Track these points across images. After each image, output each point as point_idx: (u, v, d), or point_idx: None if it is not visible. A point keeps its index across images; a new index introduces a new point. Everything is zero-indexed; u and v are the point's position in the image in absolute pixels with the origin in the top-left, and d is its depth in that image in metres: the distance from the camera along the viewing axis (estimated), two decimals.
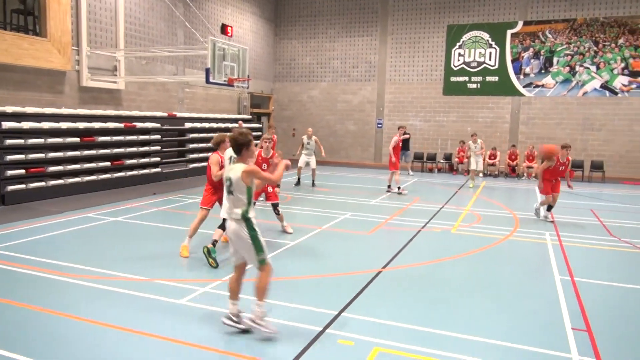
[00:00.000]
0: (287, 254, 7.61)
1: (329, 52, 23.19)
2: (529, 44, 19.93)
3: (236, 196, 4.64)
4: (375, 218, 10.49)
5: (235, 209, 4.64)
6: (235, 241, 4.73)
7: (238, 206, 4.64)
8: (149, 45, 16.06)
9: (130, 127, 14.03)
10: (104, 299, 5.56)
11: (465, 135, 20.77)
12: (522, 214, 11.30)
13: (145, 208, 10.89)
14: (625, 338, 4.94)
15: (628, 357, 4.52)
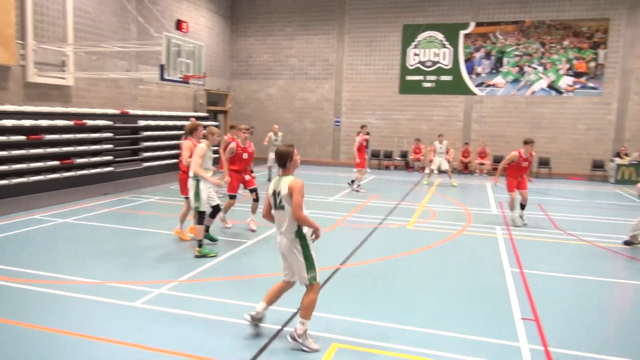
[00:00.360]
0: (246, 253, 7.56)
1: (286, 50, 23.12)
2: (481, 44, 20.55)
3: (287, 211, 4.51)
4: (334, 215, 10.56)
5: (288, 226, 4.52)
6: (288, 257, 4.64)
7: (292, 223, 4.51)
8: (100, 40, 15.52)
9: (81, 124, 13.54)
10: (54, 304, 5.35)
11: (420, 133, 21.21)
12: (475, 210, 11.65)
13: (96, 209, 10.54)
14: (571, 326, 5.20)
15: (573, 343, 4.76)
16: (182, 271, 6.54)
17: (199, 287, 6.05)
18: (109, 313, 5.14)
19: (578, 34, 19.54)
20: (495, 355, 4.47)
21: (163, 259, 7.16)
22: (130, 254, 7.38)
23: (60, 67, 13.96)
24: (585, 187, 16.64)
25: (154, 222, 9.53)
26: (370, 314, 5.33)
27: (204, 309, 5.29)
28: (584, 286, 6.51)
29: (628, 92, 19.34)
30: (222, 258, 7.21)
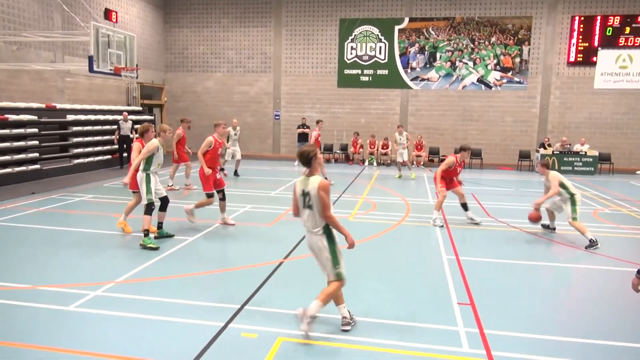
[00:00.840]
0: (187, 250, 7.39)
1: (223, 42, 22.69)
2: (415, 39, 21.14)
3: (315, 210, 4.63)
4: (276, 210, 10.54)
5: (315, 223, 4.67)
6: (317, 254, 4.79)
7: (318, 220, 4.65)
8: (20, 29, 14.52)
9: (2, 119, 12.63)
10: None
11: (359, 126, 21.54)
12: (413, 200, 12.01)
13: (23, 209, 9.90)
14: (503, 309, 5.50)
15: (506, 324, 5.05)
16: (119, 272, 6.29)
17: (137, 287, 5.85)
18: (40, 318, 4.86)
19: (504, 31, 20.55)
20: (435, 340, 4.66)
21: (99, 260, 6.85)
22: (63, 255, 7.00)
23: None
24: (513, 177, 17.60)
25: (88, 221, 9.09)
26: None
27: (143, 310, 5.13)
28: (515, 270, 6.91)
29: (549, 86, 20.63)
30: (161, 256, 7.01)
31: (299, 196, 4.74)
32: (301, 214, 4.77)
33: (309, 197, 4.65)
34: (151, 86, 22.21)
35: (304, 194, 4.68)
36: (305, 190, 4.67)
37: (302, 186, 4.70)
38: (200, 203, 8.81)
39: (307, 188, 4.65)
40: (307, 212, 4.70)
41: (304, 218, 4.75)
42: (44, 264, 6.61)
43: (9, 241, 7.68)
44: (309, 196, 4.65)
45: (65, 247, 7.46)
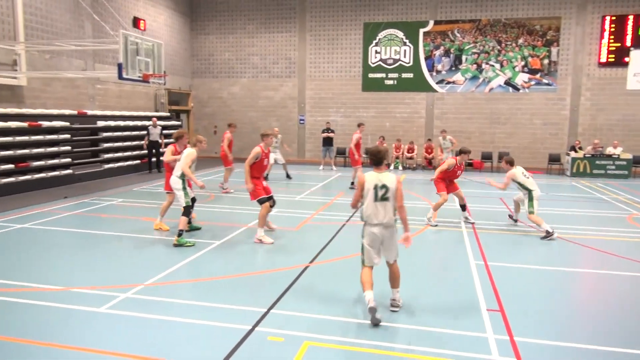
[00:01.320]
0: (213, 254, 7.47)
1: (248, 48, 22.93)
2: (440, 42, 20.96)
3: (391, 203, 5.10)
4: (301, 214, 10.56)
5: (390, 215, 5.11)
6: (387, 242, 5.19)
7: (392, 212, 5.13)
8: (53, 38, 14.98)
9: (36, 126, 13.02)
10: (15, 313, 5.14)
11: (384, 130, 21.45)
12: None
13: (56, 213, 10.18)
14: (534, 315, 5.38)
15: (537, 331, 4.93)
16: (148, 274, 6.40)
17: (165, 290, 5.94)
18: (73, 320, 4.98)
19: (532, 32, 20.20)
20: (464, 347, 4.58)
21: (128, 263, 6.99)
22: (94, 258, 7.17)
23: (12, 67, 13.40)
24: (543, 181, 17.23)
25: (117, 225, 9.28)
26: (341, 310, 5.37)
27: (171, 312, 5.20)
28: (545, 276, 6.75)
29: (580, 88, 20.16)
30: (189, 259, 7.11)
31: (370, 190, 5.10)
32: (371, 206, 5.10)
33: (385, 190, 5.08)
34: (178, 92, 22.60)
35: (377, 187, 5.09)
36: (378, 184, 5.09)
37: (376, 181, 5.10)
38: (261, 215, 8.23)
39: (384, 182, 5.10)
40: (381, 204, 5.10)
41: (373, 210, 5.10)
42: (75, 266, 6.77)
43: (42, 244, 7.90)
44: (386, 189, 5.08)
45: (95, 250, 7.64)
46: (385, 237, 5.17)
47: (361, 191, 5.16)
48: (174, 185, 8.19)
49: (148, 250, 7.66)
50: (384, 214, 5.10)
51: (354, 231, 9.23)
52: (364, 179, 5.18)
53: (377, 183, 5.10)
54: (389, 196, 5.09)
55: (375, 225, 5.14)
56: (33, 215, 9.91)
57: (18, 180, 12.33)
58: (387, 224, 5.12)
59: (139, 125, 17.47)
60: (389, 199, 5.09)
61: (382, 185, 5.10)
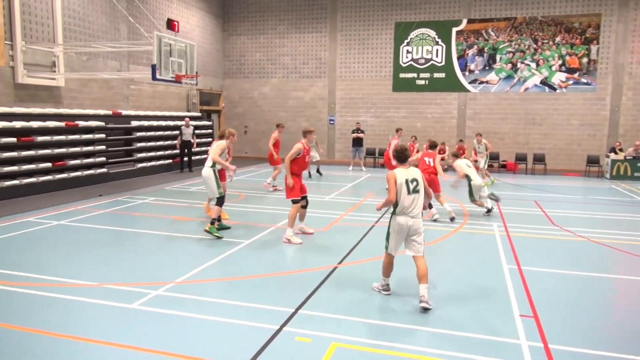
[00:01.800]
0: (242, 253, 7.54)
1: (279, 49, 23.09)
2: (473, 41, 20.62)
3: (421, 194, 5.63)
4: (330, 214, 10.56)
5: (420, 206, 5.64)
6: (413, 233, 5.62)
7: (422, 203, 5.66)
8: (90, 40, 15.44)
9: (72, 125, 13.45)
10: (50, 307, 5.31)
11: (415, 130, 21.25)
12: (470, 207, 11.69)
13: (91, 210, 10.48)
14: (568, 322, 5.23)
15: (571, 339, 4.79)
16: (179, 272, 6.52)
17: (196, 288, 6.03)
18: (106, 315, 5.12)
19: (570, 30, 19.65)
20: (496, 353, 4.49)
21: (159, 260, 7.13)
22: (127, 255, 7.35)
23: (50, 68, 13.87)
24: (580, 183, 16.75)
25: (149, 223, 9.49)
26: (370, 312, 5.34)
27: (201, 310, 5.27)
28: (581, 282, 6.55)
29: (621, 87, 19.49)
30: (219, 258, 7.20)
31: (403, 184, 5.56)
32: (404, 200, 5.56)
33: (416, 183, 5.61)
34: (210, 92, 22.95)
35: (411, 181, 5.58)
36: (410, 178, 5.60)
37: (406, 176, 5.60)
38: (292, 215, 8.23)
39: (414, 176, 5.63)
40: (413, 196, 5.58)
41: (408, 202, 5.55)
42: (109, 263, 6.96)
43: (78, 240, 8.14)
44: (416, 182, 5.61)
45: (128, 247, 7.83)
46: (411, 228, 5.58)
47: (395, 186, 5.55)
48: (206, 175, 8.47)
49: (179, 249, 7.79)
50: (416, 205, 5.59)
51: (383, 232, 9.16)
52: (395, 175, 5.58)
53: (408, 177, 5.58)
54: (419, 188, 5.61)
55: (407, 215, 5.57)
56: (69, 212, 10.23)
57: (55, 179, 12.75)
58: (416, 215, 5.59)
59: (172, 125, 17.82)
60: (419, 191, 5.61)
61: (412, 179, 5.59)
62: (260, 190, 13.65)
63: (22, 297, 5.61)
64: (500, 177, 18.09)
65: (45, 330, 4.75)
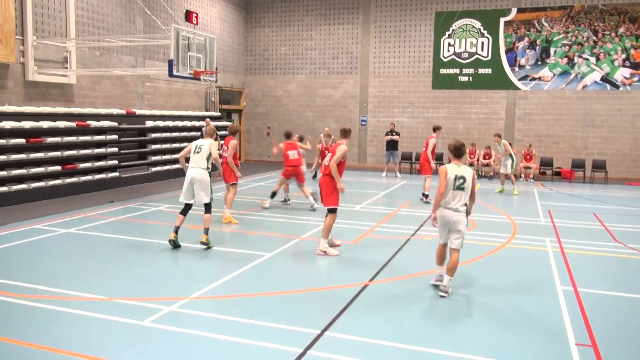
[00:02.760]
0: (263, 267, 7.57)
1: (306, 42, 23.23)
2: (524, 33, 20.30)
3: (466, 192, 6.45)
4: (361, 225, 10.52)
5: (463, 202, 6.44)
6: (453, 225, 6.50)
7: (465, 200, 6.47)
8: (104, 34, 15.85)
9: (84, 126, 13.81)
10: (56, 322, 5.44)
11: (458, 132, 21.02)
12: (520, 219, 11.47)
13: (101, 218, 10.71)
14: (632, 351, 5.05)
15: None
16: (193, 287, 6.58)
17: (211, 304, 6.08)
18: (115, 332, 5.20)
19: (635, 19, 19.14)
20: None
21: (174, 274, 7.22)
22: (139, 267, 7.47)
23: (62, 64, 14.29)
24: None
25: (163, 232, 9.63)
26: (404, 336, 5.28)
27: (217, 329, 5.30)
28: None
29: None
30: (238, 272, 7.24)
31: (451, 179, 6.41)
32: (449, 193, 6.43)
33: (463, 180, 6.41)
34: (230, 90, 23.25)
35: (459, 177, 6.41)
36: (459, 175, 6.42)
37: (456, 172, 6.44)
38: (328, 225, 8.24)
39: (463, 174, 6.43)
40: (457, 192, 6.42)
41: (450, 197, 6.42)
42: (119, 274, 7.08)
43: (87, 250, 8.33)
44: (463, 179, 6.41)
45: (140, 258, 7.96)
46: (451, 221, 6.46)
47: (445, 179, 6.42)
48: (206, 179, 8.59)
49: (194, 261, 7.88)
50: (457, 201, 6.41)
51: (420, 247, 9.08)
52: (446, 169, 6.46)
53: (457, 174, 6.42)
54: (465, 187, 6.41)
55: (448, 208, 6.46)
56: (78, 219, 10.48)
57: (65, 183, 13.09)
58: (457, 209, 6.43)
59: (189, 125, 18.10)
60: (464, 189, 6.41)
61: (460, 176, 6.41)
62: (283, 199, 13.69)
63: (24, 310, 5.76)
64: (554, 186, 17.70)
65: (48, 346, 4.86)
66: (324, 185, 8.26)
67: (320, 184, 8.36)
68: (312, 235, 9.53)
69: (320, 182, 8.35)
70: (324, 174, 8.26)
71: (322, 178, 8.31)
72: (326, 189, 8.22)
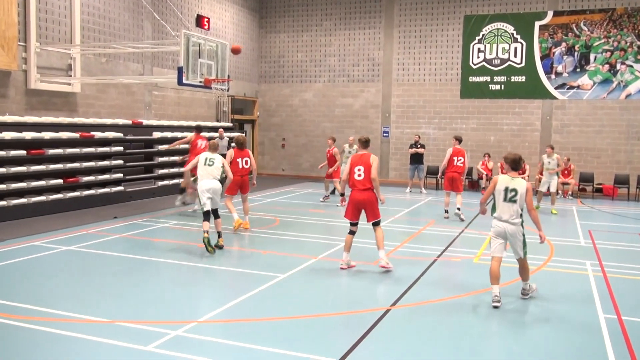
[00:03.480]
0: (276, 289, 7.56)
1: (324, 48, 23.40)
2: (561, 37, 20.20)
3: (519, 205, 6.93)
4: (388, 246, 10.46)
5: (515, 215, 6.95)
6: (511, 239, 7.06)
7: (518, 213, 6.95)
8: (110, 40, 16.15)
9: (88, 137, 14.03)
10: (55, 346, 5.48)
11: (489, 145, 20.89)
12: (558, 240, 11.32)
13: (104, 235, 10.82)
14: None
15: None
16: (202, 309, 6.59)
17: (221, 329, 6.08)
18: (116, 358, 5.22)
19: None
20: None
21: (180, 295, 7.25)
22: (143, 288, 7.51)
23: (66, 72, 14.58)
24: None
25: (170, 251, 9.70)
26: None
27: (227, 357, 5.29)
28: None
29: None
30: (249, 294, 7.24)
31: (501, 191, 6.97)
32: (500, 206, 7.01)
33: (514, 193, 6.90)
34: (243, 99, 23.46)
35: (507, 190, 6.93)
36: (509, 187, 6.94)
37: (507, 184, 6.96)
38: (382, 237, 8.62)
39: (513, 186, 6.93)
40: (508, 204, 6.95)
41: (501, 210, 7.00)
42: (123, 296, 7.13)
43: (89, 269, 8.40)
44: (515, 192, 6.90)
45: (145, 278, 8.01)
46: (509, 234, 6.98)
47: (492, 190, 7.01)
48: (220, 188, 9.90)
49: (203, 282, 7.90)
50: (510, 214, 6.93)
51: (448, 269, 9.00)
52: (497, 180, 7.01)
53: (508, 186, 6.93)
54: (517, 199, 6.88)
55: (502, 221, 6.99)
56: (80, 236, 10.60)
57: (66, 197, 13.28)
58: (512, 222, 6.95)
59: None
60: (516, 201, 6.89)
61: (512, 189, 6.91)
62: (299, 215, 13.71)
63: (22, 332, 5.81)
64: (594, 204, 17.44)
65: None
66: (369, 200, 8.49)
67: (364, 200, 8.49)
68: (330, 255, 9.51)
69: (364, 197, 8.48)
70: (366, 189, 8.47)
71: (365, 193, 8.48)
72: (372, 203, 8.53)
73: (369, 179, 8.42)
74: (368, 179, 8.43)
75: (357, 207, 8.58)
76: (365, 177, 8.43)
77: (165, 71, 18.31)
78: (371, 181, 8.43)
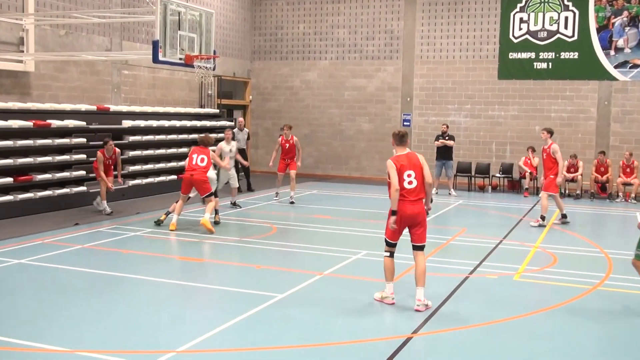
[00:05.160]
0: (273, 312, 7.58)
1: (331, 18, 23.38)
2: (622, 5, 20.14)
3: None
4: (402, 259, 10.43)
5: None
6: None
7: None
8: (71, 8, 16.12)
9: (43, 126, 14.05)
10: None
11: (532, 136, 20.81)
12: (618, 253, 11.28)
13: (64, 245, 10.85)
14: None
15: None
16: (182, 337, 6.60)
17: None
18: None
19: None
20: None
21: (157, 319, 7.26)
22: (110, 310, 7.51)
23: (17, 47, 14.58)
24: None
25: (144, 265, 9.72)
26: None
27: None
28: None
29: None
30: (240, 318, 7.25)
31: None
32: None
33: None
34: (232, 80, 23.43)
35: None
36: None
37: None
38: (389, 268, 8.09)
39: None
40: None
41: None
42: (86, 319, 7.14)
43: (45, 286, 8.43)
44: None
45: (113, 298, 8.02)
46: None
47: None
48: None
49: (183, 304, 7.91)
50: None
51: (482, 288, 9.00)
52: None
53: None
54: None
55: None
56: (34, 247, 10.62)
57: (17, 200, 13.30)
58: None
59: (178, 126, 18.28)
60: None
61: None
62: (300, 222, 13.72)
63: None
64: None
65: None
66: (422, 214, 7.96)
67: (417, 214, 7.88)
68: (337, 271, 9.52)
69: (418, 211, 7.88)
70: (419, 199, 7.89)
71: (419, 205, 7.89)
72: (425, 220, 8.03)
73: (422, 186, 7.84)
74: (422, 186, 7.83)
75: (406, 223, 7.94)
76: (418, 184, 7.79)
77: (137, 46, 18.30)
78: (424, 189, 7.88)
